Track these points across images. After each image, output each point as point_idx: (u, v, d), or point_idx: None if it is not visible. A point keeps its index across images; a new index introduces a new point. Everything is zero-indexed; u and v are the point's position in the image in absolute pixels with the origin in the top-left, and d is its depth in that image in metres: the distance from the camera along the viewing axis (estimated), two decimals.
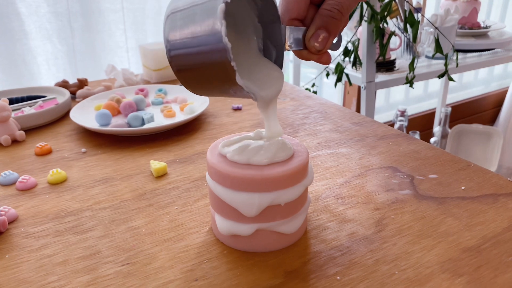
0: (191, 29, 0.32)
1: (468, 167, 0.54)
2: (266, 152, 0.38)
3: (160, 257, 0.39)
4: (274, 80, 0.38)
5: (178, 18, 0.33)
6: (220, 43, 0.31)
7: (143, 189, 0.51)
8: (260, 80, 0.37)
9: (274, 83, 0.38)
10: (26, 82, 1.13)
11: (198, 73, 0.34)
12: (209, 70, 0.33)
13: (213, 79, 0.34)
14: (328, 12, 0.36)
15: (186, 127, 0.69)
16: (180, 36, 0.33)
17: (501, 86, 2.39)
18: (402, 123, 1.66)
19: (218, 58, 0.31)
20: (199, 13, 0.32)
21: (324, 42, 0.36)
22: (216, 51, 0.31)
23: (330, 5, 0.36)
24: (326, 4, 0.36)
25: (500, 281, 0.35)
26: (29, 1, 1.08)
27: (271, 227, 0.38)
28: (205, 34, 0.31)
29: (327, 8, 0.36)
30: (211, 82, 0.35)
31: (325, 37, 0.36)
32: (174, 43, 0.33)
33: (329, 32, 0.36)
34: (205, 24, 0.31)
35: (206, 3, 0.32)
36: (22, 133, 0.66)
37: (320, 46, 0.36)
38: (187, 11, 0.33)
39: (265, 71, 0.38)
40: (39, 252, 0.40)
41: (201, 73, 0.34)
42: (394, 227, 0.42)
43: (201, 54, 0.32)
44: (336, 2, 0.36)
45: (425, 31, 1.40)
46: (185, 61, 0.34)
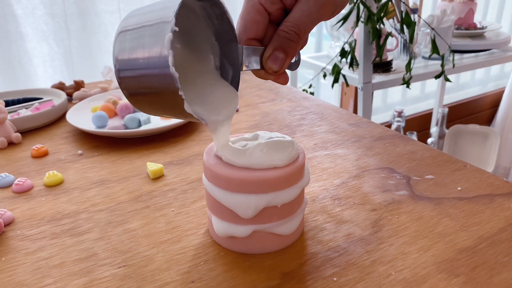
0: (139, 53, 0.32)
1: (464, 168, 0.54)
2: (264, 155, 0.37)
3: (156, 259, 0.39)
4: (228, 103, 0.38)
5: (127, 38, 0.32)
6: (167, 73, 0.30)
7: (139, 191, 0.51)
8: (213, 103, 0.37)
9: (227, 106, 0.37)
10: (22, 84, 1.12)
11: (147, 97, 0.33)
12: (158, 96, 0.33)
13: (162, 104, 0.33)
14: (285, 34, 0.36)
15: (183, 128, 0.69)
16: (128, 57, 0.32)
17: (498, 86, 2.40)
18: (399, 124, 1.66)
19: (166, 86, 0.31)
20: (148, 37, 0.31)
21: (281, 63, 0.36)
22: (164, 79, 0.31)
23: (287, 27, 0.36)
24: (283, 26, 0.36)
25: (496, 281, 0.35)
26: (26, 2, 1.07)
27: (267, 229, 0.38)
28: (153, 60, 0.31)
29: (284, 30, 0.36)
30: (161, 107, 0.34)
31: (282, 58, 0.36)
32: (122, 63, 0.33)
33: (286, 54, 0.36)
34: (153, 50, 0.31)
35: (154, 27, 0.31)
36: (18, 135, 0.66)
37: (277, 67, 0.36)
38: (137, 32, 0.32)
39: (219, 93, 0.38)
40: (35, 255, 0.40)
41: (150, 97, 0.33)
42: (391, 227, 0.42)
43: (149, 79, 0.32)
44: (293, 23, 0.36)
45: (422, 32, 1.40)
46: (134, 84, 0.33)
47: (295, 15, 0.36)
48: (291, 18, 0.36)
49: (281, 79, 0.39)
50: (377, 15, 1.11)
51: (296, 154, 0.39)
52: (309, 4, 0.35)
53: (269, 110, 0.77)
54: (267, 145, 0.38)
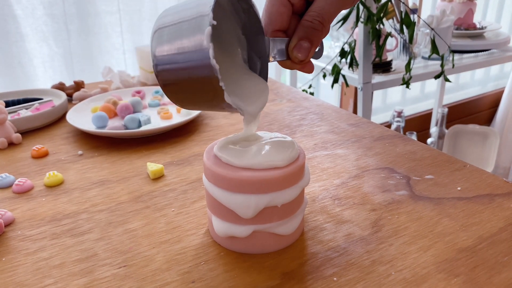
0: (178, 47, 0.33)
1: (464, 168, 0.54)
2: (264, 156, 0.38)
3: (157, 259, 0.39)
4: (260, 94, 0.39)
5: (165, 34, 0.34)
6: (208, 65, 0.31)
7: (139, 191, 0.51)
8: (246, 95, 0.38)
9: (260, 97, 0.38)
10: (22, 85, 1.12)
11: (185, 89, 0.34)
12: (197, 88, 0.34)
13: (200, 96, 0.35)
14: (310, 23, 0.37)
15: (183, 129, 0.69)
16: (167, 52, 0.33)
17: (498, 86, 2.40)
18: (399, 124, 1.66)
19: (206, 78, 0.32)
20: (186, 31, 0.32)
21: (307, 52, 0.37)
22: (205, 71, 0.32)
23: (311, 16, 0.37)
24: (307, 15, 0.37)
25: (496, 281, 0.35)
26: (25, 3, 1.08)
27: (267, 229, 0.38)
28: (193, 53, 0.32)
29: (308, 19, 0.37)
30: (199, 98, 0.35)
31: (307, 47, 0.37)
32: (161, 58, 0.34)
33: (311, 43, 0.37)
34: (192, 44, 0.32)
35: (192, 21, 0.32)
36: (19, 136, 0.66)
37: (302, 56, 0.37)
38: (174, 28, 0.33)
39: (250, 85, 0.39)
40: (35, 255, 0.40)
41: (188, 90, 0.34)
42: (391, 227, 0.42)
43: (189, 72, 0.33)
44: (317, 13, 0.37)
45: (421, 32, 1.40)
46: (171, 77, 0.34)
47: (319, 5, 0.37)
48: (315, 7, 0.37)
49: (307, 67, 0.40)
50: (376, 16, 1.11)
51: (296, 154, 0.39)
52: None
53: (269, 110, 0.77)
54: (267, 146, 0.38)
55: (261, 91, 0.39)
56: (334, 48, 1.47)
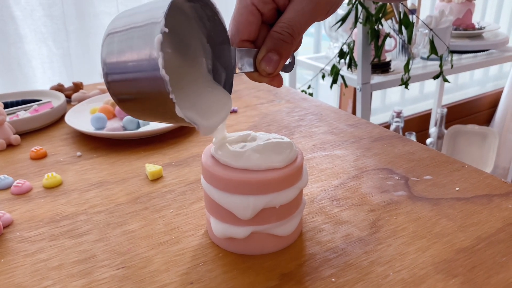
0: (128, 56, 0.30)
1: (462, 168, 0.54)
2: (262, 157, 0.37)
3: (155, 260, 0.39)
4: (220, 108, 0.37)
5: (115, 41, 0.31)
6: (157, 75, 0.29)
7: (138, 192, 0.51)
8: (205, 108, 0.35)
9: (220, 110, 0.36)
10: (21, 86, 1.12)
11: (137, 102, 0.32)
12: (148, 101, 0.32)
13: (152, 108, 0.32)
14: (279, 35, 0.35)
15: (182, 130, 0.69)
16: (117, 60, 0.31)
17: (497, 86, 2.41)
18: (398, 124, 1.67)
19: (156, 90, 0.30)
20: (136, 38, 0.30)
21: (275, 65, 0.35)
22: (154, 82, 0.30)
23: (281, 28, 0.35)
24: (277, 26, 0.35)
25: (494, 281, 0.35)
26: (24, 4, 1.07)
27: (266, 230, 0.38)
28: (142, 62, 0.30)
29: (277, 31, 0.35)
30: (151, 111, 0.33)
31: (276, 60, 0.35)
32: (111, 67, 0.32)
33: (280, 55, 0.35)
34: (142, 52, 0.30)
35: (144, 28, 0.30)
36: (17, 137, 0.66)
37: (270, 69, 0.35)
38: (125, 34, 0.31)
39: (212, 97, 0.37)
40: (34, 257, 0.40)
41: (139, 102, 0.32)
42: (389, 228, 0.42)
43: (139, 83, 0.31)
44: (287, 24, 0.35)
45: (420, 33, 1.40)
46: (122, 89, 0.32)
47: (289, 15, 0.35)
48: (285, 18, 0.35)
49: (275, 81, 0.38)
50: (375, 16, 1.12)
51: (294, 155, 0.39)
52: (303, 3, 0.34)
53: (267, 111, 0.77)
54: (265, 147, 0.38)
55: (222, 104, 0.37)
56: (333, 49, 1.47)
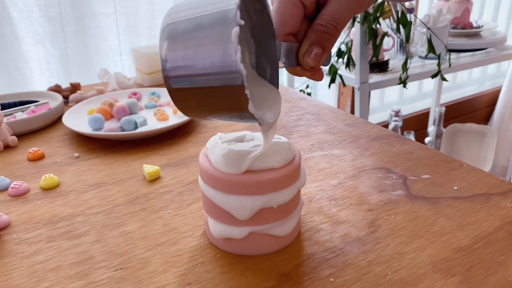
0: (196, 50, 0.29)
1: (460, 167, 0.54)
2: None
3: (153, 261, 0.39)
4: (274, 102, 0.36)
5: (179, 33, 0.29)
6: (233, 71, 0.28)
7: (136, 193, 0.51)
8: (261, 103, 0.34)
9: (274, 105, 0.35)
10: (18, 87, 1.12)
11: (200, 97, 0.30)
12: (216, 96, 0.30)
13: (219, 105, 0.31)
14: (323, 28, 0.34)
15: (179, 130, 0.69)
16: (181, 56, 0.29)
17: (495, 85, 2.41)
18: (396, 123, 1.67)
19: (230, 85, 0.28)
20: (206, 31, 0.28)
21: (318, 58, 0.35)
22: (228, 78, 0.28)
23: (325, 20, 0.34)
24: (320, 19, 0.35)
25: (493, 280, 0.35)
26: (21, 5, 1.07)
27: (264, 230, 0.38)
28: (214, 57, 0.28)
29: (322, 24, 0.34)
30: (216, 107, 0.31)
31: (319, 54, 0.35)
32: (172, 61, 0.30)
33: (323, 48, 0.35)
34: (214, 46, 0.28)
35: (214, 19, 0.28)
36: (14, 139, 0.66)
37: (314, 63, 0.35)
38: (190, 25, 0.29)
39: (262, 92, 0.35)
40: (31, 258, 0.40)
41: (204, 98, 0.30)
42: (387, 228, 0.42)
43: (208, 78, 0.29)
44: (331, 17, 0.34)
45: (418, 32, 1.40)
46: (184, 83, 0.30)
47: (332, 8, 0.34)
48: (328, 11, 0.34)
49: (317, 75, 0.37)
50: (373, 15, 1.12)
51: (292, 155, 0.39)
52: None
53: None
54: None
55: (274, 99, 0.36)
56: None
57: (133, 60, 0.98)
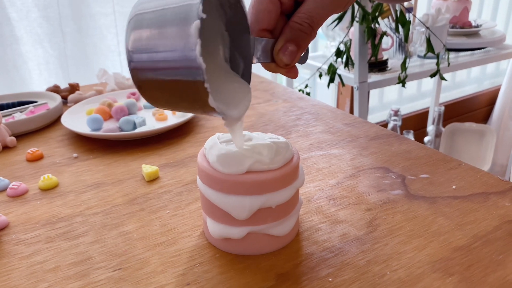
0: (159, 42, 0.29)
1: (459, 166, 0.54)
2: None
3: (152, 261, 0.39)
4: (242, 97, 0.36)
5: (143, 25, 0.30)
6: (193, 64, 0.28)
7: (134, 193, 0.51)
8: (228, 98, 0.34)
9: (242, 100, 0.36)
10: (17, 88, 1.12)
11: (164, 90, 0.31)
12: (178, 89, 0.30)
13: (181, 98, 0.31)
14: (298, 26, 0.35)
15: (178, 130, 0.69)
16: (145, 47, 0.30)
17: (494, 84, 2.41)
18: (395, 123, 1.67)
19: (190, 78, 0.29)
20: (169, 23, 0.28)
21: (293, 55, 0.35)
22: (189, 70, 0.28)
23: (300, 18, 0.35)
24: (296, 17, 0.35)
25: (491, 280, 0.35)
26: (20, 6, 1.07)
27: (262, 230, 0.38)
28: (175, 50, 0.28)
29: (297, 21, 0.35)
30: (179, 100, 0.32)
31: (293, 51, 0.35)
32: (136, 55, 0.30)
33: (298, 46, 0.35)
34: (176, 39, 0.28)
35: (177, 11, 0.28)
36: (13, 139, 0.66)
37: (288, 60, 0.35)
38: (154, 17, 0.29)
39: (232, 87, 0.36)
40: (30, 259, 0.40)
41: (167, 91, 0.31)
42: (386, 227, 0.42)
43: (169, 71, 0.29)
44: (307, 15, 0.34)
45: (417, 31, 1.40)
46: (148, 75, 0.30)
47: (309, 6, 0.35)
48: (304, 9, 0.35)
49: (291, 72, 0.37)
50: (371, 15, 1.12)
51: (290, 155, 0.39)
52: None
53: (264, 111, 0.77)
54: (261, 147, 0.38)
55: (243, 94, 0.36)
56: (329, 48, 1.47)
57: None
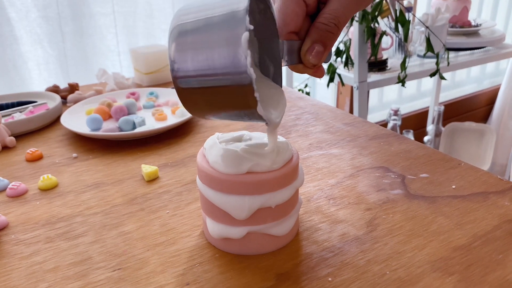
0: (205, 52, 0.29)
1: (458, 166, 0.54)
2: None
3: (151, 261, 0.39)
4: (279, 101, 0.36)
5: (188, 34, 0.30)
6: (243, 74, 0.28)
7: (134, 193, 0.51)
8: (268, 103, 0.35)
9: (279, 104, 0.36)
10: (17, 88, 1.12)
11: (208, 98, 0.31)
12: (224, 99, 0.31)
13: (227, 106, 0.32)
14: (325, 26, 0.35)
15: (178, 130, 0.69)
16: (190, 58, 0.30)
17: (493, 83, 2.41)
18: (395, 122, 1.67)
19: (239, 88, 0.29)
20: (216, 34, 0.29)
21: (320, 56, 0.36)
22: (238, 81, 0.29)
23: (326, 19, 0.35)
24: (322, 18, 0.35)
25: (491, 279, 0.35)
26: (19, 6, 1.07)
27: (262, 230, 0.38)
28: (224, 59, 0.29)
29: (323, 22, 0.35)
30: (224, 108, 0.32)
31: (321, 51, 0.36)
32: (181, 64, 0.30)
33: (325, 46, 0.36)
34: (224, 49, 0.29)
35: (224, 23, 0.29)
36: (13, 139, 0.66)
37: (316, 60, 0.36)
38: (200, 26, 0.30)
39: (269, 92, 0.36)
40: (29, 259, 0.40)
41: (212, 99, 0.31)
42: (386, 227, 0.42)
43: (217, 80, 0.30)
44: (332, 15, 0.35)
45: (416, 30, 1.40)
46: (192, 84, 0.31)
47: (333, 7, 0.35)
48: (329, 10, 0.35)
49: (318, 72, 0.38)
50: (371, 14, 1.12)
51: (290, 155, 0.39)
52: None
53: None
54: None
55: (278, 98, 0.36)
56: None
57: (131, 60, 0.98)
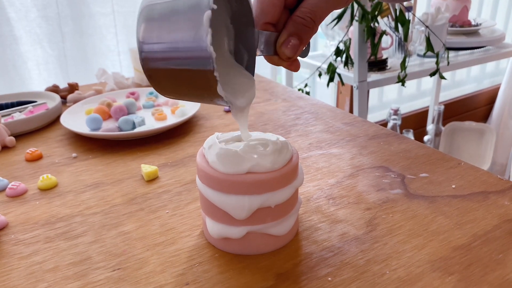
0: (170, 32, 0.30)
1: (458, 166, 0.54)
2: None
3: (151, 261, 0.39)
4: (248, 88, 0.37)
5: (155, 16, 0.31)
6: (204, 53, 0.29)
7: (134, 193, 0.51)
8: (234, 88, 0.36)
9: (247, 91, 0.37)
10: (16, 88, 1.12)
11: (173, 79, 0.32)
12: (188, 78, 0.32)
13: (190, 86, 0.33)
14: (302, 20, 0.36)
15: (177, 130, 0.69)
16: (156, 37, 0.31)
17: (493, 83, 2.41)
18: (395, 122, 1.67)
19: (200, 67, 0.30)
20: (181, 13, 0.30)
21: (295, 49, 0.36)
22: (199, 59, 0.30)
23: (303, 13, 0.36)
24: (299, 11, 0.36)
25: (490, 279, 0.35)
26: (19, 6, 1.07)
27: (262, 230, 0.38)
28: (187, 39, 0.30)
29: (300, 16, 0.36)
30: (188, 89, 0.33)
31: (296, 44, 0.36)
32: (147, 45, 0.31)
33: (300, 40, 0.36)
34: (187, 28, 0.30)
35: (188, 1, 0.30)
36: (12, 139, 0.66)
37: (290, 53, 0.36)
38: (165, 7, 0.31)
39: (237, 78, 0.37)
40: (29, 259, 0.40)
41: (177, 79, 0.32)
42: (385, 226, 0.42)
43: (180, 60, 0.31)
44: (309, 10, 0.36)
45: (416, 30, 1.40)
46: (158, 64, 0.32)
47: (312, 1, 0.36)
48: (307, 4, 0.36)
49: (293, 66, 0.39)
50: (371, 14, 1.11)
51: (289, 155, 0.39)
52: None
53: (263, 110, 0.77)
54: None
55: (249, 86, 0.37)
56: (329, 47, 1.47)
57: (131, 60, 0.98)
